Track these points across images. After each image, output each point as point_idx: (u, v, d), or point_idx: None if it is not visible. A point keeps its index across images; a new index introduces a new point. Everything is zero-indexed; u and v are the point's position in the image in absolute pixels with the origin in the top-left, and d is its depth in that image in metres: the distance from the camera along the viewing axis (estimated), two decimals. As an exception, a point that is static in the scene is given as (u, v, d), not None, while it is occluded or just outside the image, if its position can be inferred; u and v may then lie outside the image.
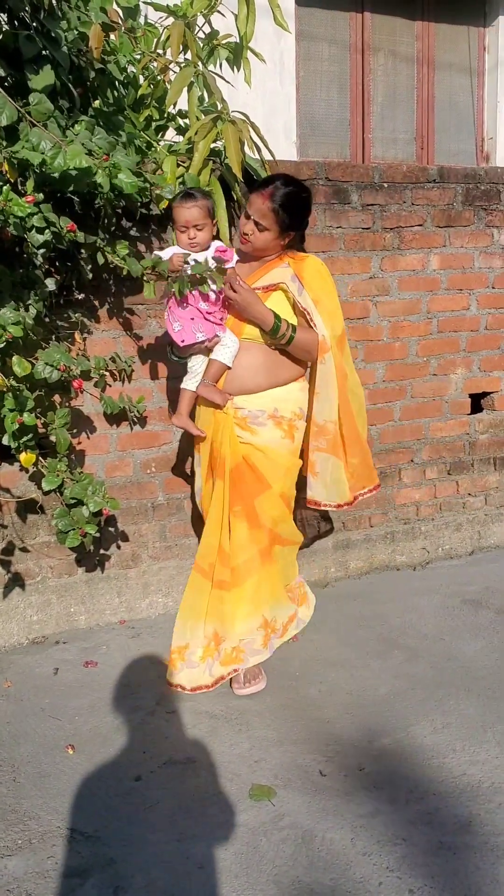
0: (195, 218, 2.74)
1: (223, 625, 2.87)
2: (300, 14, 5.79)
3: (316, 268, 2.86)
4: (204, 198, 2.77)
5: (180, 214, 2.75)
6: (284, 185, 2.72)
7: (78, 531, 2.91)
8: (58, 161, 2.50)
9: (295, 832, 2.19)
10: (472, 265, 4.03)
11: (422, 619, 3.47)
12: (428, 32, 6.28)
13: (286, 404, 2.88)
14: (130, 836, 2.19)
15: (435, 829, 2.18)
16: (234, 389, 2.83)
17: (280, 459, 2.90)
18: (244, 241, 2.78)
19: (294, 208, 2.74)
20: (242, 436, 2.84)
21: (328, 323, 2.83)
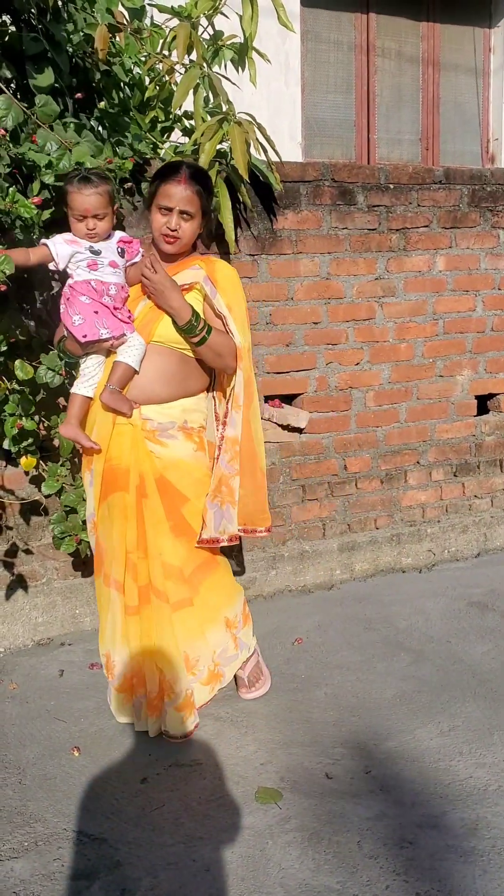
0: (95, 206, 2.42)
1: (195, 643, 2.66)
2: (305, 15, 5.79)
3: (228, 274, 2.63)
4: (104, 182, 2.44)
5: (77, 201, 2.41)
6: (191, 167, 2.52)
7: (73, 538, 2.91)
8: (63, 163, 2.50)
9: (301, 835, 2.18)
10: (479, 266, 4.02)
11: (428, 622, 3.46)
12: (433, 33, 6.27)
13: (194, 415, 2.65)
14: (137, 839, 2.18)
15: (442, 833, 2.17)
16: (140, 398, 2.53)
17: (197, 474, 2.66)
18: (170, 239, 2.50)
19: (209, 186, 2.56)
20: (154, 450, 2.56)
21: (240, 331, 2.59)
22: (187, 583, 2.64)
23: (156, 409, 2.56)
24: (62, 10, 2.87)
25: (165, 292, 2.45)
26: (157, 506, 2.56)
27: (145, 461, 2.54)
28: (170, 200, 2.45)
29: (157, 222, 2.49)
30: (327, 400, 3.81)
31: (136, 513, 2.56)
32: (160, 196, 2.47)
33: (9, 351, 2.67)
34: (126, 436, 2.53)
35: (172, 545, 2.60)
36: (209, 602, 2.69)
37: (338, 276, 3.71)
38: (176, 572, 2.61)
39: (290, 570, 3.83)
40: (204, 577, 2.68)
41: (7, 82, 2.67)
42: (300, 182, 3.55)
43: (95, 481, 2.63)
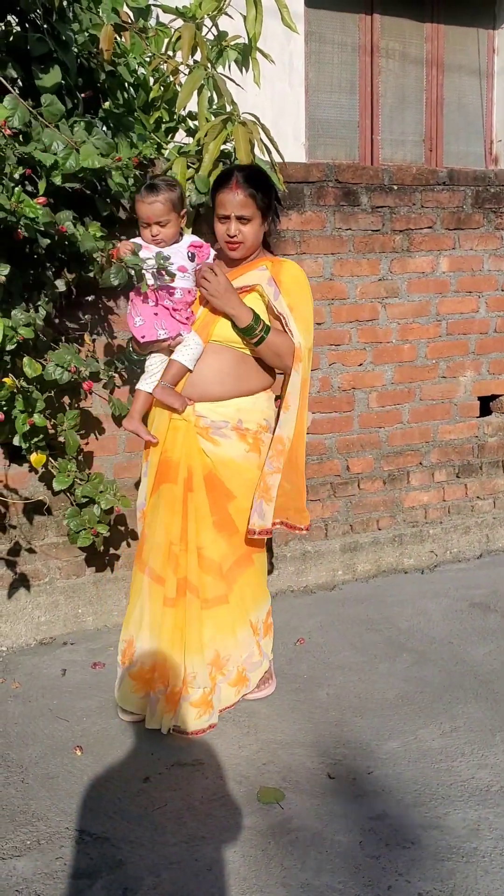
0: (158, 214, 2.51)
1: (226, 641, 2.70)
2: (309, 15, 5.79)
3: (294, 274, 2.65)
4: (169, 190, 2.52)
5: (141, 209, 2.53)
6: (244, 170, 2.58)
7: (90, 531, 2.92)
8: (70, 162, 2.50)
9: (303, 835, 2.18)
10: (482, 268, 4.03)
11: (430, 623, 3.46)
12: (437, 34, 6.28)
13: (251, 415, 2.65)
14: (139, 838, 2.18)
15: (444, 833, 2.17)
16: (195, 395, 2.60)
17: (247, 474, 2.68)
18: (233, 246, 2.57)
19: (264, 185, 2.58)
20: (205, 447, 2.61)
21: (303, 331, 2.60)
22: (224, 579, 2.68)
23: (210, 406, 2.60)
24: (67, 10, 2.88)
25: (222, 297, 2.51)
26: (202, 500, 2.61)
27: (195, 457, 2.60)
28: (225, 208, 2.53)
29: (219, 231, 2.57)
30: (330, 400, 3.81)
31: (182, 506, 2.62)
32: (217, 206, 2.56)
33: (17, 349, 2.67)
34: (180, 431, 2.60)
35: (213, 540, 2.65)
36: (241, 600, 2.73)
37: (341, 277, 3.71)
38: (215, 567, 2.65)
39: (292, 571, 3.83)
40: (239, 574, 2.72)
41: (13, 82, 2.68)
42: (304, 183, 3.55)
43: (150, 472, 2.71)
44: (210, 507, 2.63)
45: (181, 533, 2.63)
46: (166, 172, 3.17)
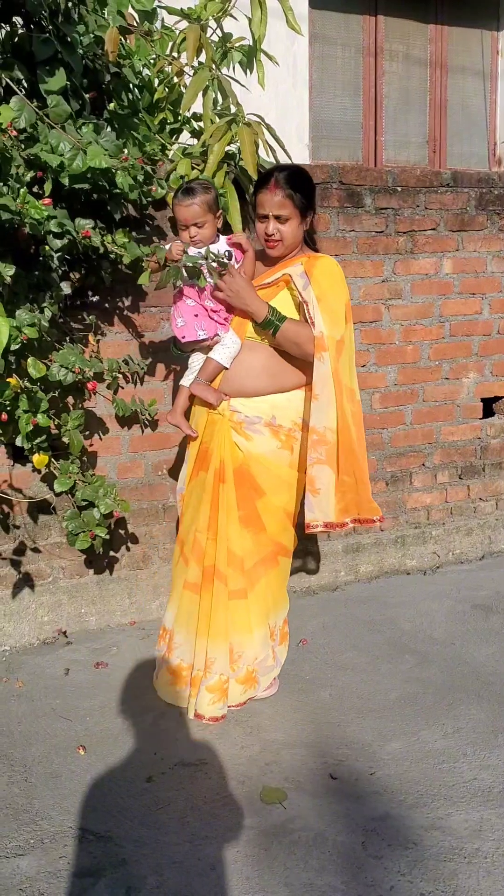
0: (195, 215, 2.61)
1: (242, 637, 2.75)
2: (313, 17, 5.80)
3: (327, 266, 2.69)
4: (204, 192, 2.62)
5: (179, 212, 2.63)
6: (283, 170, 2.64)
7: (88, 533, 2.92)
8: (76, 163, 2.51)
9: (306, 835, 2.19)
10: (485, 269, 4.03)
11: (432, 624, 3.47)
12: (441, 36, 6.28)
13: (285, 412, 2.71)
14: (142, 837, 2.19)
15: (446, 834, 2.18)
16: (231, 390, 2.69)
17: (277, 471, 2.74)
18: (272, 244, 2.66)
19: (303, 186, 2.64)
20: (238, 441, 2.70)
21: (328, 322, 2.61)
22: (246, 575, 2.74)
23: (244, 402, 2.70)
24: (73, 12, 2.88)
25: (238, 296, 2.60)
26: (230, 493, 2.70)
27: (228, 450, 2.70)
28: (263, 208, 2.62)
29: (259, 230, 2.68)
30: (333, 401, 3.81)
31: (213, 496, 2.72)
32: (257, 206, 2.66)
33: (21, 349, 2.68)
34: (216, 424, 2.72)
35: (239, 534, 2.72)
36: (261, 600, 2.78)
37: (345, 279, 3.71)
38: (238, 562, 2.72)
39: (294, 571, 3.84)
40: (263, 574, 2.78)
41: (19, 83, 2.68)
42: (308, 184, 3.55)
43: (189, 461, 2.84)
44: (238, 501, 2.71)
45: (209, 522, 2.72)
46: (170, 174, 3.19)
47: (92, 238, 2.66)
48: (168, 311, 3.36)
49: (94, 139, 2.66)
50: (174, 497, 3.53)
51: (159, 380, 3.42)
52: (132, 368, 3.28)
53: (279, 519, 2.79)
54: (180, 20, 3.38)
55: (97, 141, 2.62)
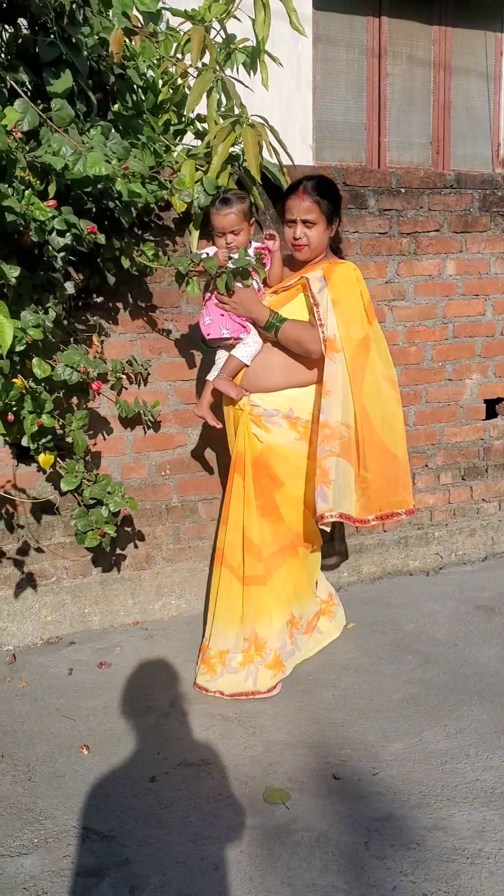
0: (232, 224, 2.80)
1: (262, 624, 2.90)
2: (317, 18, 5.80)
3: (344, 271, 2.84)
4: (240, 202, 2.82)
5: (217, 221, 2.82)
6: (312, 179, 2.84)
7: (97, 531, 2.93)
8: (77, 167, 2.52)
9: (309, 835, 2.19)
10: (489, 271, 4.03)
11: (435, 625, 3.47)
12: (445, 37, 6.28)
13: (303, 405, 2.89)
14: (146, 837, 2.20)
15: (449, 835, 2.18)
16: (251, 386, 2.88)
17: (297, 462, 2.90)
18: (299, 247, 2.85)
19: (330, 193, 2.84)
20: (258, 433, 2.88)
21: (343, 324, 2.76)
22: (264, 563, 2.89)
23: (263, 396, 2.88)
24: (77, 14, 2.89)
25: (241, 306, 2.81)
26: (248, 484, 2.88)
27: (247, 442, 2.88)
28: (292, 213, 2.83)
29: (287, 234, 2.88)
30: (337, 402, 3.81)
31: (230, 484, 2.95)
32: (286, 212, 2.87)
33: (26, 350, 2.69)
34: (237, 419, 2.92)
35: (258, 524, 2.88)
36: (280, 589, 2.93)
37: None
38: (255, 549, 2.88)
39: (297, 572, 3.84)
40: (282, 563, 2.93)
41: (23, 85, 2.69)
42: (312, 185, 3.56)
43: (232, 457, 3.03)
44: (256, 491, 2.87)
45: (222, 509, 2.99)
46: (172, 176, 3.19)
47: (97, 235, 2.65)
48: (171, 312, 3.38)
49: (103, 142, 2.66)
50: (177, 497, 3.55)
51: (163, 381, 3.42)
52: (136, 369, 3.29)
53: (298, 509, 2.94)
54: (184, 21, 3.39)
55: (105, 143, 2.63)
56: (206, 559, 3.64)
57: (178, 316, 3.41)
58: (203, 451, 3.55)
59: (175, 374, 3.45)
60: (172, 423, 3.48)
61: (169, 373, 3.43)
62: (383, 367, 2.88)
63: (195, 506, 3.59)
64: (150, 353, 3.38)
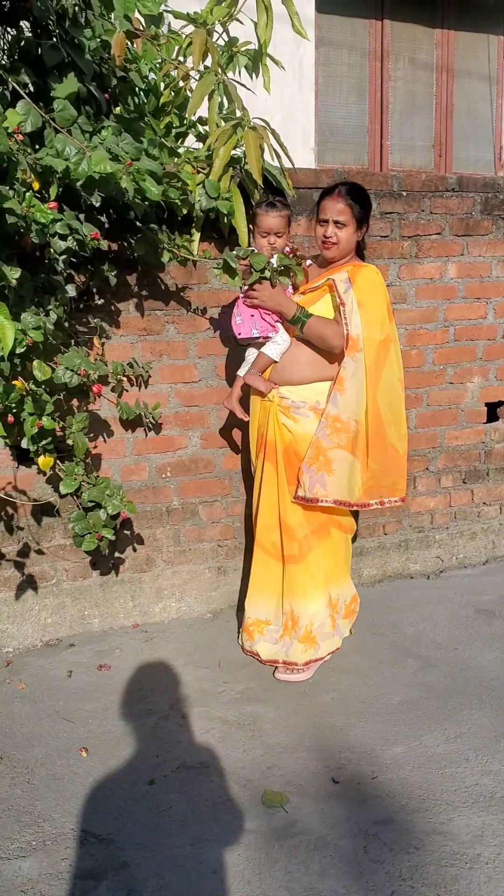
0: (278, 226, 2.95)
1: (297, 600, 3.07)
2: (319, 21, 5.80)
3: (368, 275, 2.98)
4: (285, 208, 3.00)
5: (265, 222, 2.95)
6: (346, 185, 3.00)
7: (94, 535, 2.93)
8: (82, 167, 2.52)
9: (307, 838, 2.19)
10: (490, 274, 4.03)
11: (435, 629, 3.47)
12: (447, 40, 6.28)
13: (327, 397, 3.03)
14: (144, 840, 2.20)
15: (448, 839, 2.18)
16: (280, 380, 3.03)
17: None
18: (328, 245, 2.98)
19: (363, 201, 2.98)
20: (286, 423, 3.03)
21: (367, 325, 2.91)
22: (298, 543, 3.07)
23: (291, 389, 3.03)
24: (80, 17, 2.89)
25: (270, 300, 2.92)
26: (281, 471, 3.06)
27: (277, 431, 3.05)
28: (325, 213, 2.97)
29: (318, 233, 3.02)
30: (337, 405, 3.81)
31: (259, 472, 3.14)
32: (319, 212, 3.01)
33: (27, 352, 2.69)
34: (268, 410, 3.07)
35: (292, 507, 3.06)
36: (316, 569, 3.08)
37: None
38: (291, 531, 3.07)
39: (298, 575, 3.84)
40: (314, 546, 3.08)
41: (25, 87, 2.69)
42: (313, 188, 3.56)
43: (251, 442, 3.25)
44: (288, 477, 3.05)
45: (255, 494, 3.19)
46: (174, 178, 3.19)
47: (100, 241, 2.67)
48: (173, 314, 3.38)
49: (115, 142, 2.67)
50: (178, 500, 3.55)
51: (164, 383, 3.42)
52: (136, 371, 3.29)
53: None
54: (187, 24, 3.39)
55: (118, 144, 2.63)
56: (206, 561, 3.64)
57: (180, 318, 3.41)
58: (205, 454, 3.55)
59: (176, 377, 3.45)
60: (173, 425, 3.48)
61: (170, 375, 3.43)
62: (398, 368, 3.07)
63: (196, 508, 3.59)
64: (150, 355, 3.38)
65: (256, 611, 3.18)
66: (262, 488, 3.12)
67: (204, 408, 3.53)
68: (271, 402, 3.05)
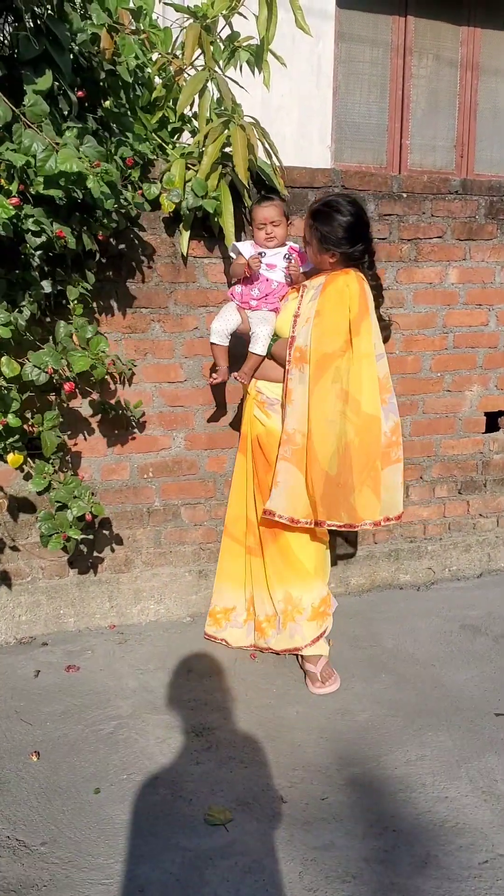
0: (272, 215, 2.96)
1: (258, 589, 3.17)
2: (340, 16, 5.70)
3: (340, 283, 2.79)
4: (279, 198, 3.09)
5: (258, 213, 2.98)
6: (316, 203, 2.87)
7: (61, 535, 2.89)
8: (49, 164, 2.47)
9: (244, 860, 2.13)
10: (493, 280, 3.91)
11: (416, 643, 3.38)
12: (473, 38, 6.13)
13: None
14: (78, 852, 2.15)
15: (388, 869, 2.10)
16: (260, 374, 3.06)
17: None
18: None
19: (324, 223, 2.79)
20: (259, 416, 3.05)
21: (317, 336, 2.77)
22: (257, 537, 3.13)
23: (268, 385, 3.04)
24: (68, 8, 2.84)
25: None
26: (249, 462, 3.13)
27: (251, 423, 3.09)
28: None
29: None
30: (329, 410, 3.73)
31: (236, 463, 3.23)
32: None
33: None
34: (247, 403, 3.14)
35: (255, 500, 3.12)
36: (271, 564, 3.09)
37: (344, 285, 3.63)
38: (252, 524, 3.15)
39: (283, 581, 3.77)
40: (269, 543, 3.08)
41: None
42: (309, 188, 3.48)
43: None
44: (254, 469, 3.11)
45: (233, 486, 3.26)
46: (164, 174, 3.14)
47: (67, 239, 2.62)
48: (158, 313, 3.33)
49: (77, 144, 2.61)
50: (159, 501, 3.50)
51: (148, 382, 3.37)
52: (119, 368, 3.24)
53: None
54: (188, 18, 3.33)
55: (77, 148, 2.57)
56: (187, 564, 3.59)
57: (165, 317, 3.35)
58: (189, 455, 3.50)
59: (160, 376, 3.40)
60: (157, 425, 3.43)
61: (154, 374, 3.38)
62: (340, 381, 2.75)
63: (178, 510, 3.54)
64: (135, 353, 3.33)
65: (223, 599, 3.29)
66: (235, 478, 3.22)
67: (189, 408, 3.47)
68: (249, 394, 3.10)
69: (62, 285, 2.95)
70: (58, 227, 2.63)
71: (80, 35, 2.89)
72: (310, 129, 5.58)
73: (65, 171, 2.44)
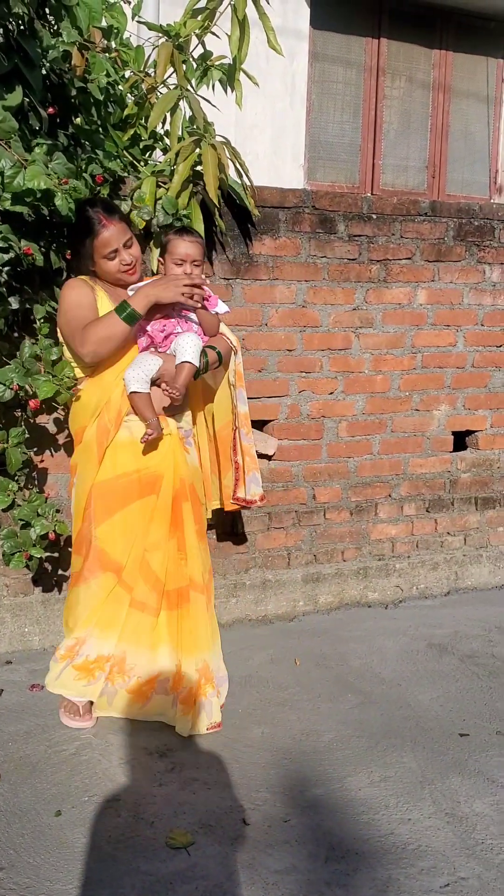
0: (195, 253, 2.72)
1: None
2: (314, 36, 5.76)
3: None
4: (200, 236, 2.82)
5: (181, 247, 2.71)
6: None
7: (23, 554, 2.87)
8: (17, 181, 2.46)
9: (205, 884, 2.11)
10: (461, 301, 3.96)
11: (383, 662, 3.38)
12: (445, 61, 6.22)
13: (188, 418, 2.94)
14: (33, 879, 2.11)
15: (349, 893, 2.09)
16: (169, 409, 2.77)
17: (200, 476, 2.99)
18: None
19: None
20: (182, 454, 2.81)
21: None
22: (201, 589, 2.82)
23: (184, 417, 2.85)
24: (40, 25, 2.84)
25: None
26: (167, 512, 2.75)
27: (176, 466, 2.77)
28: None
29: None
30: (298, 427, 3.75)
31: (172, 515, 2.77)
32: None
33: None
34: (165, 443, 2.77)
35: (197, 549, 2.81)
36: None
37: (314, 305, 3.66)
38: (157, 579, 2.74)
39: (251, 599, 3.76)
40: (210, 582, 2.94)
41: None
42: (279, 208, 3.51)
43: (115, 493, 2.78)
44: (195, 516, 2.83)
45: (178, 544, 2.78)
46: (134, 191, 3.14)
47: (34, 256, 2.61)
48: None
49: (45, 161, 2.60)
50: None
51: (116, 399, 3.36)
52: (86, 388, 3.22)
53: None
54: (161, 37, 3.34)
55: (46, 164, 2.56)
56: (155, 582, 3.57)
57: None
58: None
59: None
60: (125, 442, 3.42)
61: (123, 391, 3.37)
62: None
63: (146, 527, 3.52)
64: (103, 370, 3.32)
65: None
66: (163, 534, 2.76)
67: (158, 426, 3.46)
68: (170, 435, 2.75)
69: (29, 304, 2.94)
70: (25, 244, 2.62)
71: (52, 52, 2.90)
72: (283, 148, 5.62)
73: (32, 188, 2.44)
